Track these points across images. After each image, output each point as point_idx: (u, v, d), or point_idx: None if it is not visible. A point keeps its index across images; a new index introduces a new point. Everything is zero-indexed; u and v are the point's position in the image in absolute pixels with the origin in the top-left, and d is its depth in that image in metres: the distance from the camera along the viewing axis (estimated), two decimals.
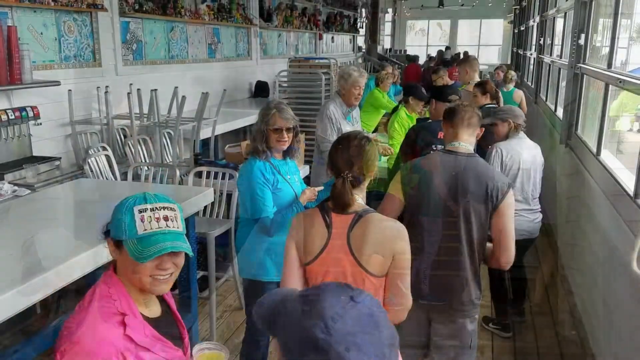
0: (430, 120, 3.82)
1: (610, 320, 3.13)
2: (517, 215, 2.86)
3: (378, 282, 1.85)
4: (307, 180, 4.00)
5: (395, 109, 4.73)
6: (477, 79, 5.36)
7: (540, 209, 3.72)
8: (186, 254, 1.43)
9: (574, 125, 4.77)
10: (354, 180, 1.86)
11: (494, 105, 4.30)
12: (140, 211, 1.39)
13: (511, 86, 6.75)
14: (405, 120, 4.74)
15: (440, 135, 3.12)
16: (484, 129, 2.58)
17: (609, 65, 3.66)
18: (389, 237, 1.85)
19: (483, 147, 3.28)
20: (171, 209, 1.44)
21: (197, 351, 1.47)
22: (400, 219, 2.18)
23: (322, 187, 2.84)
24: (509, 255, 2.27)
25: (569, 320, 3.91)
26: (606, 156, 3.74)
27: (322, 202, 1.96)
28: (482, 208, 2.21)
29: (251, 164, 2.64)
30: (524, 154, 3.44)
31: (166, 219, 1.42)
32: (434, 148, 3.26)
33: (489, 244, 2.33)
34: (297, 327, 0.85)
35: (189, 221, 3.05)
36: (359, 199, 1.91)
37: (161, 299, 1.56)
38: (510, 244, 2.25)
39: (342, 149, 1.90)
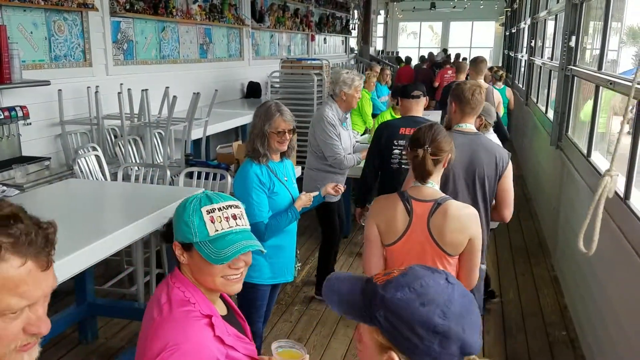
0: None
1: (600, 321, 3.15)
2: None
3: (454, 260, 2.11)
4: (299, 183, 3.98)
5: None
6: (481, 80, 5.39)
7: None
8: None
9: (564, 126, 4.79)
10: (433, 153, 2.09)
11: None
12: (208, 212, 1.37)
13: (501, 84, 6.98)
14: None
15: (402, 130, 3.31)
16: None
17: (600, 67, 3.69)
18: (466, 223, 2.08)
19: None
20: (236, 206, 1.43)
21: (276, 347, 1.41)
22: None
23: (317, 192, 2.82)
24: (511, 210, 2.71)
25: (560, 321, 3.92)
26: (596, 158, 3.76)
27: (401, 190, 2.16)
28: (493, 174, 2.63)
29: (247, 168, 2.62)
30: None
31: (234, 217, 1.41)
32: (396, 143, 3.35)
33: None
34: (411, 316, 0.90)
35: None
36: (435, 185, 2.14)
37: (221, 297, 1.54)
38: (511, 200, 2.69)
39: (422, 130, 2.14)
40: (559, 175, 4.87)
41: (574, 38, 4.60)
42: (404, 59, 14.83)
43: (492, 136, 3.62)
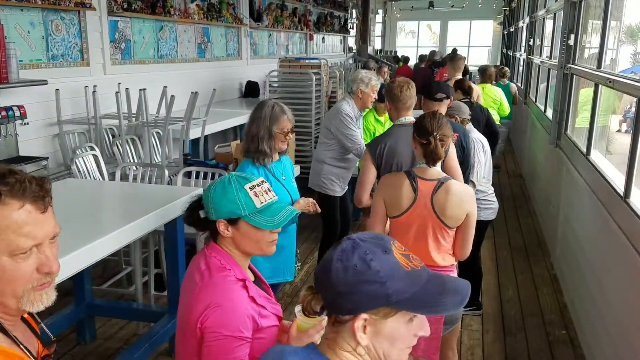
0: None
1: (600, 320, 3.14)
2: None
3: (452, 232, 2.39)
4: (298, 181, 3.98)
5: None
6: (458, 76, 5.51)
7: (486, 197, 3.70)
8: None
9: (563, 125, 4.78)
10: (441, 139, 2.33)
11: (467, 100, 4.45)
12: (250, 188, 1.61)
13: (506, 80, 7.62)
14: (372, 124, 4.71)
15: None
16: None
17: (599, 65, 3.68)
18: (465, 200, 2.35)
19: None
20: (265, 182, 1.69)
21: (299, 310, 1.38)
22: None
23: (311, 199, 2.79)
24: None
25: (559, 319, 3.92)
26: (596, 156, 3.75)
27: (408, 169, 2.43)
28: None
29: (244, 168, 2.62)
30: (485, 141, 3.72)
31: (269, 190, 1.67)
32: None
33: None
34: (438, 302, 1.08)
35: (177, 222, 3.03)
36: (438, 166, 2.40)
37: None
38: (460, 178, 2.87)
39: (428, 118, 2.37)
40: (558, 174, 4.86)
41: (572, 36, 4.59)
42: (401, 59, 14.84)
43: (474, 133, 3.66)
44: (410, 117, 2.99)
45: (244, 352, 1.53)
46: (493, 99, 6.55)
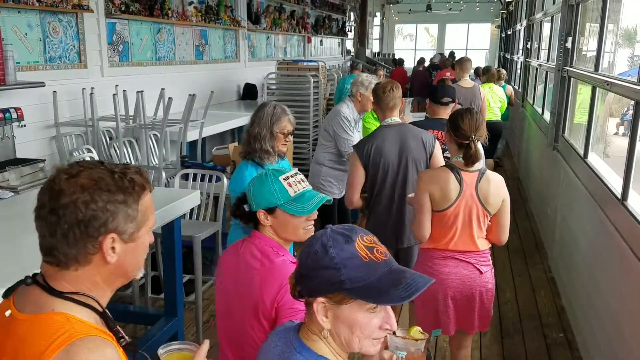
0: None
1: (598, 322, 3.14)
2: None
3: (489, 219, 2.53)
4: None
5: None
6: (466, 77, 5.91)
7: None
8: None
9: (561, 128, 4.79)
10: (477, 140, 2.44)
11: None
12: (284, 179, 1.78)
13: (503, 82, 8.00)
14: (370, 123, 4.70)
15: (430, 132, 3.30)
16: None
17: (596, 68, 3.68)
18: (502, 187, 2.52)
19: None
20: (299, 173, 1.85)
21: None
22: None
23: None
24: None
25: (557, 322, 3.91)
26: (593, 159, 3.75)
27: (449, 163, 2.54)
28: (423, 155, 3.04)
29: (243, 170, 2.61)
30: None
31: (303, 180, 1.82)
32: None
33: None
34: (388, 293, 1.14)
35: (174, 224, 3.02)
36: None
37: None
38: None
39: (466, 119, 2.45)
40: (555, 176, 4.87)
41: (570, 39, 4.60)
42: (397, 61, 14.89)
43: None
44: (395, 117, 3.09)
45: None
46: (499, 97, 7.16)
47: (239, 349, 1.79)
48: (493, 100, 6.92)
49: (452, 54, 15.21)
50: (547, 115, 6.01)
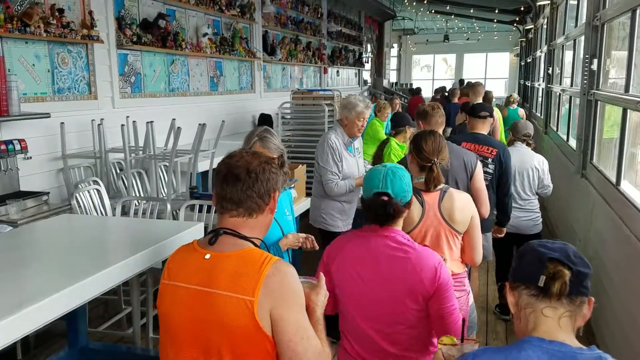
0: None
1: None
2: None
3: (460, 238, 2.48)
4: (306, 215, 3.76)
5: (385, 142, 4.48)
6: (479, 101, 6.14)
7: (532, 209, 4.16)
8: None
9: (588, 154, 4.53)
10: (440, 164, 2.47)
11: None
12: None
13: (515, 105, 8.72)
14: (398, 150, 4.52)
15: (463, 144, 3.48)
16: None
17: (627, 89, 3.45)
18: (468, 203, 2.49)
19: None
20: None
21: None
22: None
23: (304, 235, 2.56)
24: (487, 208, 3.11)
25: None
26: (627, 187, 3.48)
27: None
28: (464, 175, 3.05)
29: None
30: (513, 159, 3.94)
31: None
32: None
33: None
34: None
35: None
36: None
37: None
38: (486, 199, 3.10)
39: (429, 141, 2.48)
40: (585, 205, 4.58)
41: (595, 61, 4.37)
42: (415, 90, 14.89)
43: (524, 149, 4.14)
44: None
45: None
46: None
47: (389, 327, 1.93)
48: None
49: (461, 81, 15.26)
50: (572, 142, 5.75)
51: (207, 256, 1.48)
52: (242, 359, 1.44)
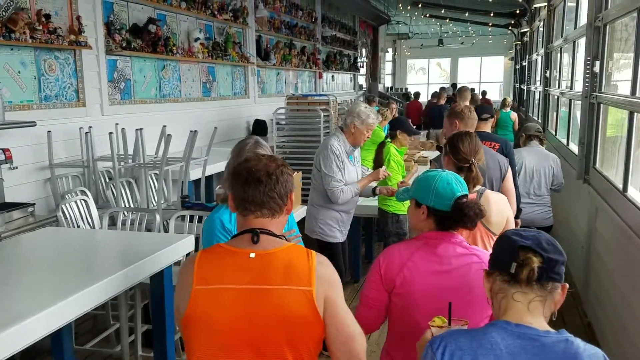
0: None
1: None
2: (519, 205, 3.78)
3: (495, 238, 2.40)
4: (301, 224, 3.61)
5: (381, 145, 4.37)
6: (466, 104, 6.12)
7: (545, 204, 4.49)
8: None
9: (591, 158, 4.41)
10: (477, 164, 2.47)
11: None
12: None
13: (508, 109, 9.36)
14: (397, 155, 4.40)
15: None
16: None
17: (633, 91, 3.33)
18: (504, 206, 2.51)
19: None
20: None
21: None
22: None
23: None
24: (514, 207, 3.13)
25: None
26: (634, 193, 3.36)
27: None
28: (498, 175, 3.14)
29: (213, 213, 2.27)
30: (528, 158, 4.43)
31: None
32: None
33: None
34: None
35: (164, 273, 2.69)
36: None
37: None
38: (514, 199, 3.23)
39: (466, 142, 2.48)
40: (587, 211, 4.47)
41: (597, 63, 4.26)
42: (413, 95, 14.84)
43: (539, 148, 4.53)
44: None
45: None
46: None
47: None
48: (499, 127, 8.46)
49: (454, 85, 15.42)
50: (572, 146, 5.64)
51: (252, 255, 1.53)
52: (299, 348, 1.52)
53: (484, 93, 15.58)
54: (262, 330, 1.49)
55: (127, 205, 4.46)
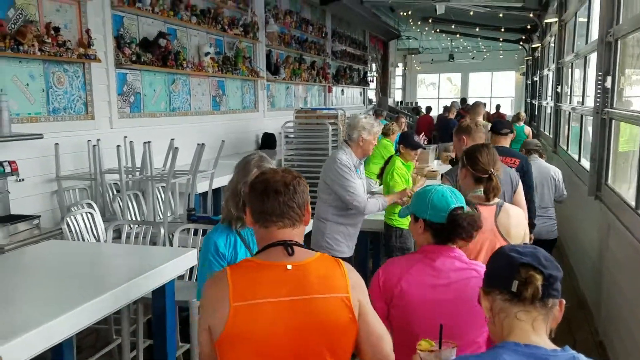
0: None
1: None
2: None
3: None
4: (307, 239, 3.57)
5: (389, 159, 4.33)
6: (479, 119, 6.25)
7: (550, 217, 4.53)
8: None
9: (603, 175, 4.34)
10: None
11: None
12: None
13: (522, 123, 9.24)
14: (402, 169, 4.35)
15: None
16: None
17: None
18: (522, 220, 2.54)
19: None
20: None
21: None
22: None
23: None
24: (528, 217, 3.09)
25: None
26: None
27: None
28: (509, 188, 3.15)
29: (212, 232, 2.21)
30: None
31: None
32: None
33: None
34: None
35: (166, 288, 2.65)
36: None
37: None
38: (525, 212, 3.02)
39: (484, 153, 2.52)
40: (599, 229, 4.38)
41: (609, 78, 4.21)
42: (424, 109, 14.88)
43: (539, 161, 4.67)
44: None
45: None
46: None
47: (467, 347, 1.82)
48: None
49: (463, 100, 15.43)
50: (584, 162, 5.56)
51: (289, 267, 1.54)
52: (339, 353, 1.56)
53: (497, 107, 15.52)
54: (305, 340, 1.51)
55: (134, 218, 4.45)
